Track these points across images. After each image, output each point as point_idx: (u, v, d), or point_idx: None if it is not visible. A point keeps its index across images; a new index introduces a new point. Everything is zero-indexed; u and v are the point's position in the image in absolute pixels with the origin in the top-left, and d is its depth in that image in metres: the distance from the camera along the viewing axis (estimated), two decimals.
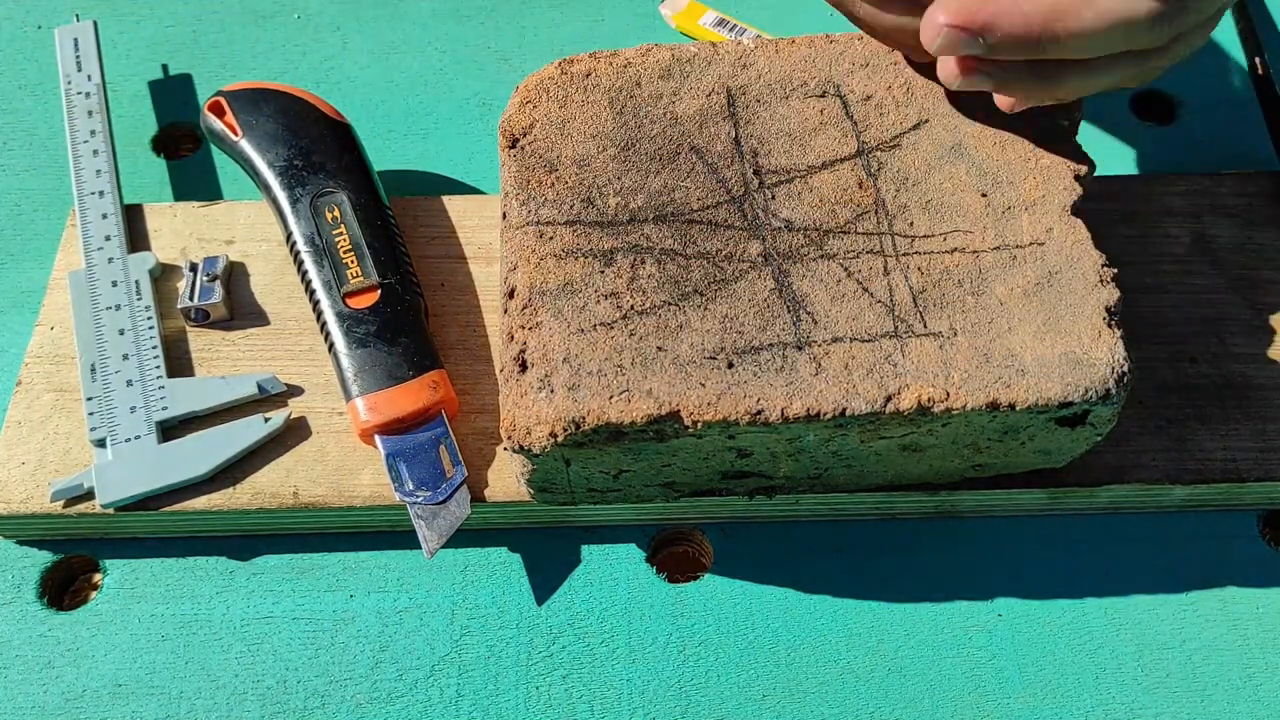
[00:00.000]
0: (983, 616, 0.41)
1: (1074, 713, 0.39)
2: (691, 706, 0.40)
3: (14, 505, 0.41)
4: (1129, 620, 0.41)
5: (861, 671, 0.40)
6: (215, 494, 0.41)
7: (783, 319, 0.37)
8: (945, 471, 0.41)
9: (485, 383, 0.44)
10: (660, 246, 0.39)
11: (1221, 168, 0.53)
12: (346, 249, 0.44)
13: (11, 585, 0.42)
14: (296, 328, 0.45)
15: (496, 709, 0.39)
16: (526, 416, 0.36)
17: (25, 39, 0.58)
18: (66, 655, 0.40)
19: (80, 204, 0.47)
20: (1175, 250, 0.47)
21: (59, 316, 0.45)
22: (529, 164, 0.41)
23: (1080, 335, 0.37)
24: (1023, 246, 0.39)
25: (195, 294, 0.45)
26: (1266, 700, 0.40)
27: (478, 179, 0.53)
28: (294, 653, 0.40)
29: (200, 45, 0.58)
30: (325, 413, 0.43)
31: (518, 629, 0.41)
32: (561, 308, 0.38)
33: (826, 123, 0.42)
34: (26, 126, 0.54)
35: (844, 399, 0.36)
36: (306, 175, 0.45)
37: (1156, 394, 0.43)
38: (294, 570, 0.42)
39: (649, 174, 0.41)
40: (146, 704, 0.39)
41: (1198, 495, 0.43)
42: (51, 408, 0.43)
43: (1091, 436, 0.39)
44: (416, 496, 0.40)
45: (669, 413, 0.36)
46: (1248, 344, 0.45)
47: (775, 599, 0.42)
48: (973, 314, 0.37)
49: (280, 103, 0.47)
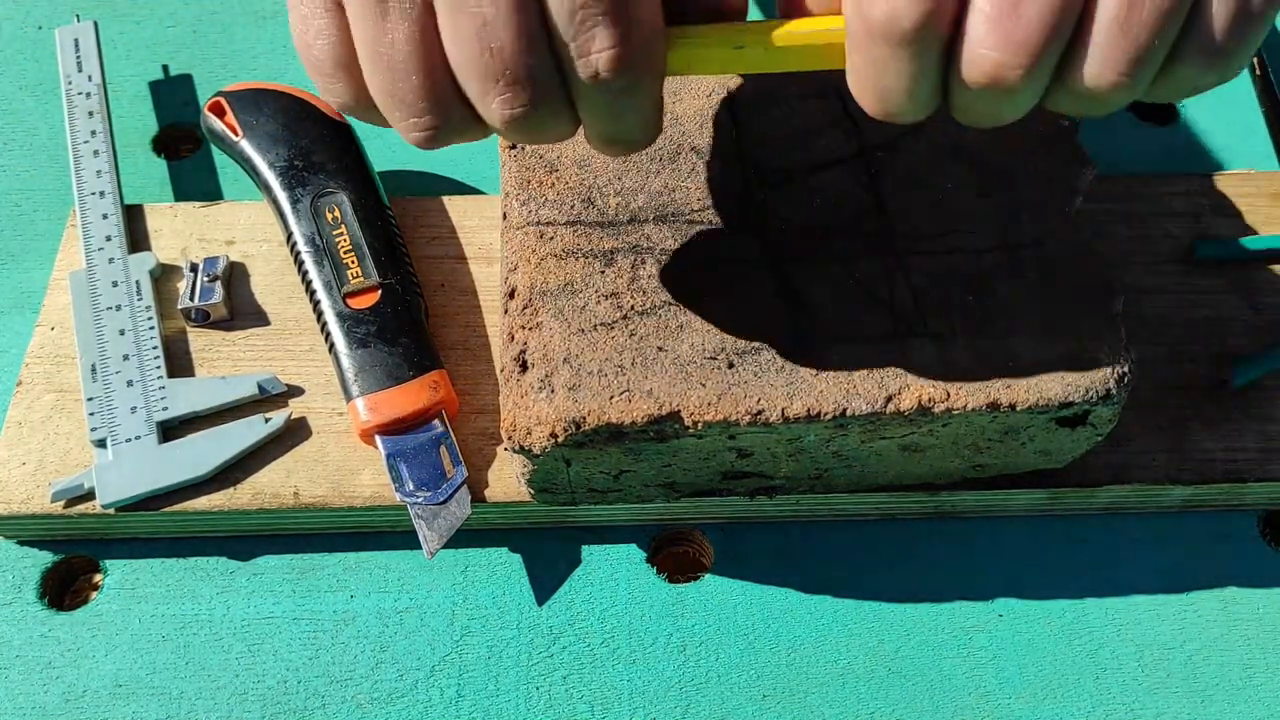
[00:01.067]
0: (983, 616, 0.41)
1: (1074, 713, 0.39)
2: (691, 706, 0.40)
3: (14, 505, 0.41)
4: (1129, 620, 0.41)
5: (861, 671, 0.40)
6: (215, 494, 0.41)
7: (783, 319, 0.37)
8: (945, 472, 0.41)
9: (485, 383, 0.44)
10: (660, 247, 0.39)
11: (1221, 168, 0.53)
12: (347, 249, 0.44)
13: (12, 585, 0.42)
14: (296, 328, 0.45)
15: (496, 709, 0.39)
16: (527, 417, 0.36)
17: (25, 39, 0.58)
18: (67, 655, 0.40)
19: (81, 204, 0.47)
20: (1175, 250, 0.47)
21: (59, 317, 0.45)
22: (529, 164, 0.41)
23: (1080, 335, 0.37)
24: (1023, 246, 0.39)
25: (195, 294, 0.45)
26: (1266, 700, 0.40)
27: (478, 179, 0.53)
28: (294, 653, 0.40)
29: (200, 45, 0.58)
30: (325, 413, 0.43)
31: (518, 629, 0.41)
32: (562, 308, 0.38)
33: (826, 123, 0.42)
34: (27, 126, 0.54)
35: (844, 399, 0.36)
36: (307, 175, 0.45)
37: (1156, 394, 0.43)
38: (294, 570, 0.42)
39: (649, 174, 0.41)
40: (147, 704, 0.39)
41: (1198, 495, 0.43)
42: (52, 408, 0.43)
43: (1092, 437, 0.39)
44: (417, 497, 0.40)
45: (669, 413, 0.36)
46: (1248, 344, 0.45)
47: (775, 599, 0.42)
48: (973, 314, 0.37)
49: (280, 103, 0.47)
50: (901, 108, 0.28)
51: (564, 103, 0.28)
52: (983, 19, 0.26)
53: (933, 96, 0.28)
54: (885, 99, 0.28)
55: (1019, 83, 0.26)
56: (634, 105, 0.28)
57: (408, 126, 0.29)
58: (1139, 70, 0.26)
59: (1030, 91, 0.27)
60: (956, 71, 0.27)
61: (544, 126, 0.29)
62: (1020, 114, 0.28)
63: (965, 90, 0.27)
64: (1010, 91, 0.27)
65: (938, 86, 0.28)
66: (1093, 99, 0.27)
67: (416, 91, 0.28)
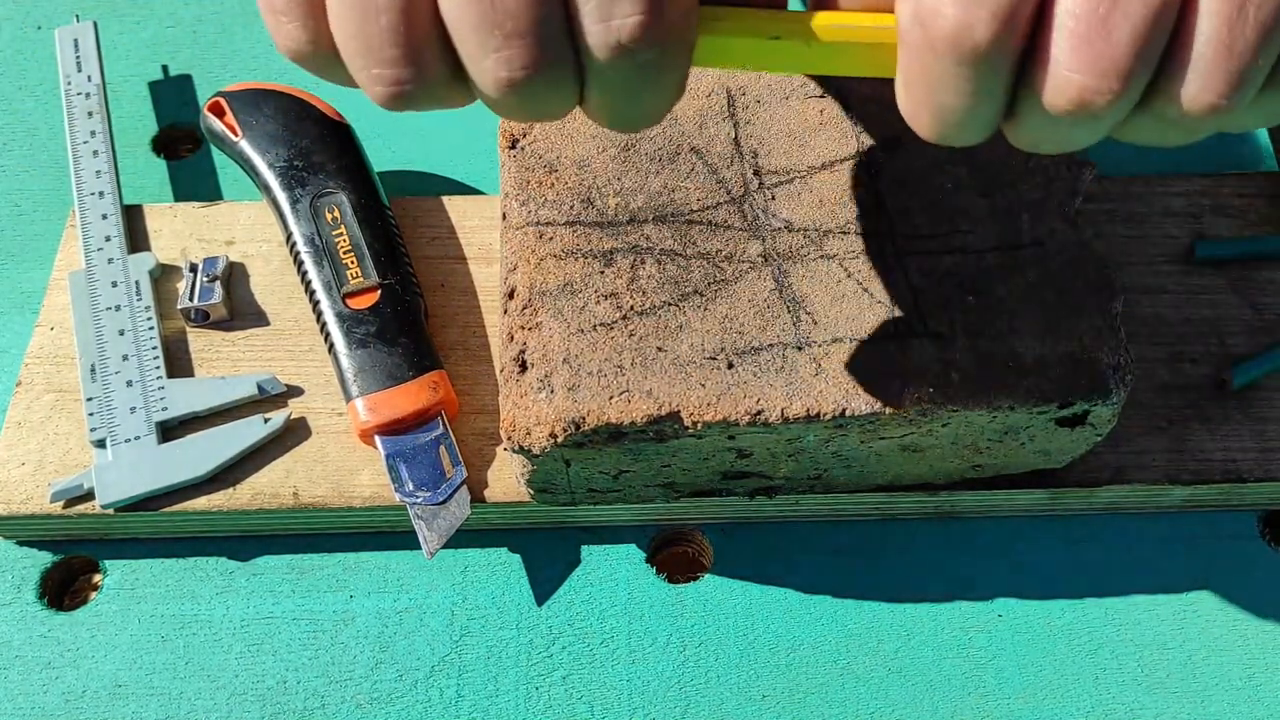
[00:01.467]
0: (983, 616, 0.41)
1: (1074, 713, 0.39)
2: (691, 706, 0.40)
3: (14, 506, 0.41)
4: (1129, 620, 0.41)
5: (861, 671, 0.40)
6: (215, 494, 0.41)
7: (783, 319, 0.37)
8: (945, 472, 0.41)
9: (485, 383, 0.44)
10: (660, 247, 0.39)
11: (1221, 168, 0.53)
12: (346, 249, 0.44)
13: (11, 585, 0.42)
14: (296, 328, 0.45)
15: (496, 709, 0.39)
16: (526, 417, 0.36)
17: (25, 39, 0.58)
18: (66, 656, 0.40)
19: (80, 204, 0.47)
20: (1175, 250, 0.47)
21: (59, 317, 0.45)
22: (529, 164, 0.41)
23: (1080, 335, 0.37)
24: (1023, 246, 0.39)
25: (195, 294, 0.45)
26: (1266, 700, 0.40)
27: (478, 179, 0.53)
28: (294, 653, 0.40)
29: (200, 45, 0.58)
30: (325, 413, 0.43)
31: (518, 629, 0.41)
32: (561, 308, 0.38)
33: (826, 123, 0.42)
34: (26, 127, 0.54)
35: (844, 399, 0.36)
36: (306, 176, 0.45)
37: (1156, 394, 0.43)
38: (294, 570, 0.42)
39: (649, 174, 0.41)
40: (146, 704, 0.39)
41: (1198, 495, 0.43)
42: (51, 408, 0.43)
43: (1091, 437, 0.39)
44: (416, 497, 0.40)
45: (669, 413, 0.36)
46: (1248, 344, 0.45)
47: (775, 599, 0.42)
48: (973, 314, 0.37)
49: (280, 103, 0.47)
50: (960, 130, 0.25)
51: (571, 71, 0.24)
52: (1067, 36, 0.22)
53: (995, 119, 0.25)
54: (942, 120, 0.24)
55: (1105, 109, 0.23)
56: (655, 83, 0.24)
57: (372, 79, 0.24)
58: (1240, 93, 0.23)
59: (1113, 118, 0.24)
60: (1032, 94, 0.23)
61: (542, 97, 0.24)
62: (1092, 143, 0.25)
63: (1039, 115, 0.24)
64: (1093, 118, 0.23)
65: (1003, 108, 0.24)
66: (1182, 125, 0.24)
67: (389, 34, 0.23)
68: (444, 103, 0.25)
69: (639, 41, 0.23)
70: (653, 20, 0.23)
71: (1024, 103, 0.24)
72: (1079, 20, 0.22)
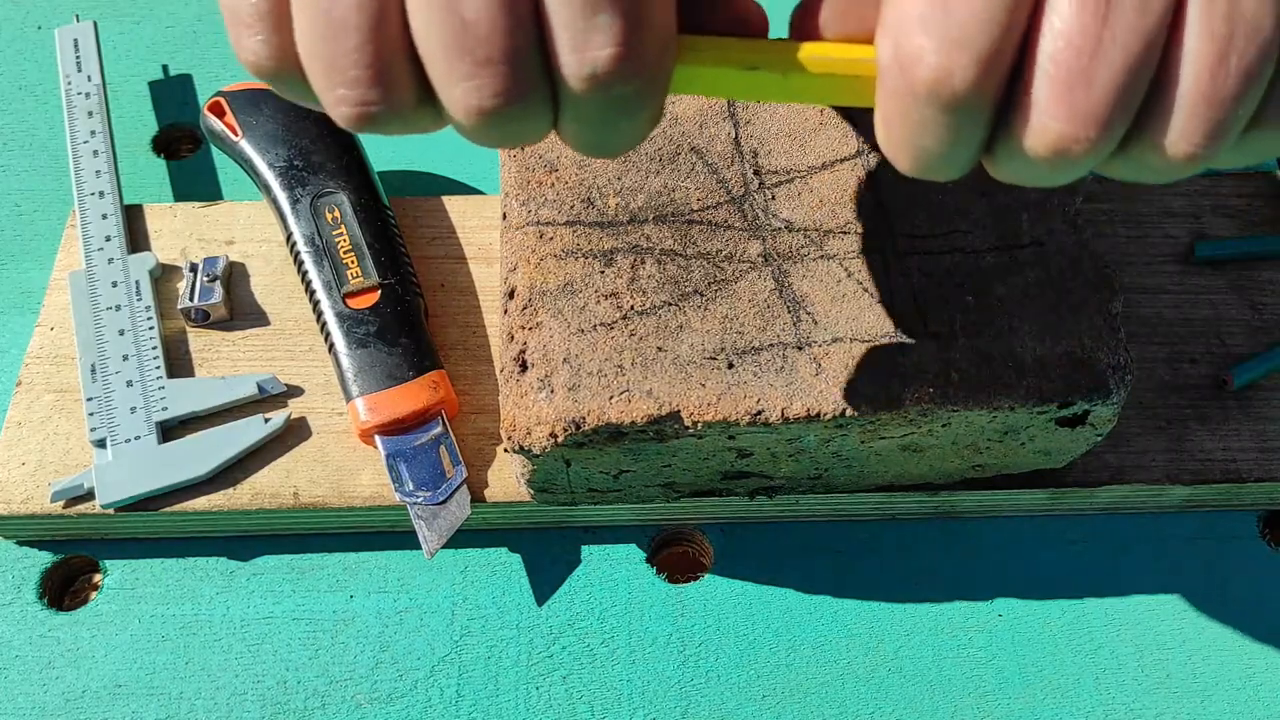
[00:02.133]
0: (983, 616, 0.41)
1: (1074, 713, 0.39)
2: (691, 706, 0.40)
3: (14, 505, 0.41)
4: (1129, 620, 0.41)
5: (861, 671, 0.40)
6: (215, 494, 0.41)
7: (783, 319, 0.37)
8: (945, 472, 0.41)
9: (485, 383, 0.44)
10: (660, 247, 0.39)
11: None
12: (346, 249, 0.44)
13: (11, 585, 0.42)
14: (296, 328, 0.45)
15: (496, 709, 0.39)
16: (526, 417, 0.36)
17: (25, 39, 0.58)
18: (66, 655, 0.40)
19: (80, 204, 0.47)
20: (1175, 250, 0.47)
21: (59, 317, 0.45)
22: (529, 164, 0.41)
23: (1080, 335, 0.37)
24: (1023, 246, 0.39)
25: (195, 294, 0.45)
26: (1266, 700, 0.40)
27: (478, 179, 0.53)
28: (294, 653, 0.40)
29: (200, 45, 0.58)
30: (325, 413, 0.43)
31: (518, 629, 0.41)
32: (561, 308, 0.38)
33: (826, 123, 0.42)
34: (26, 127, 0.54)
35: (844, 399, 0.36)
36: (306, 175, 0.45)
37: (1156, 394, 0.43)
38: (294, 570, 0.42)
39: (649, 174, 0.41)
40: (146, 704, 0.39)
41: (1198, 495, 0.43)
42: (51, 408, 0.43)
43: (1091, 437, 0.39)
44: (416, 497, 0.40)
45: (669, 413, 0.36)
46: (1248, 344, 0.45)
47: (775, 599, 0.42)
48: (973, 314, 0.37)
49: (280, 103, 0.47)
50: (938, 168, 0.25)
51: (544, 100, 0.23)
52: (1049, 83, 0.22)
53: (974, 158, 0.24)
54: (920, 160, 0.24)
55: (1083, 156, 0.23)
56: (629, 115, 0.24)
57: (337, 99, 0.23)
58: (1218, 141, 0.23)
59: (1091, 163, 0.23)
60: (1011, 137, 0.23)
61: (514, 125, 0.24)
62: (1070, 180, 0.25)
63: (1018, 157, 0.24)
64: (1071, 164, 0.23)
65: (981, 148, 0.24)
66: (1158, 169, 0.24)
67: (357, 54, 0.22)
68: (413, 127, 0.24)
69: (614, 75, 0.22)
70: (629, 53, 0.22)
71: (1002, 145, 0.24)
72: (1060, 67, 0.22)
